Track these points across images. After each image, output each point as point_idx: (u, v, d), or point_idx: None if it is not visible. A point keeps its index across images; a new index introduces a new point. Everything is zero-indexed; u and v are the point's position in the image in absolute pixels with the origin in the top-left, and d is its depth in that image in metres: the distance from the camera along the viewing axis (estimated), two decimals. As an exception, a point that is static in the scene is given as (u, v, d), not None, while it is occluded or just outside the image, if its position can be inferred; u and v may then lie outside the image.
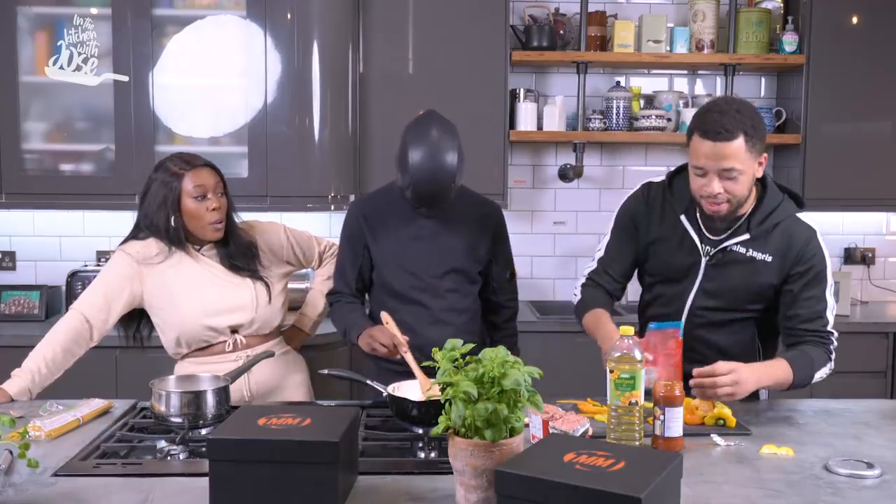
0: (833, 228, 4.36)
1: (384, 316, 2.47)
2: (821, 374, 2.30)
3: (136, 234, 2.53)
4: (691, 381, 2.11)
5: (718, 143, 2.16)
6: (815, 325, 2.31)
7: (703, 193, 2.24)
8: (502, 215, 2.72)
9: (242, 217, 2.65)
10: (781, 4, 4.14)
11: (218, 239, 2.51)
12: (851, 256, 4.36)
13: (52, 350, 2.37)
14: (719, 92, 4.24)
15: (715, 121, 2.17)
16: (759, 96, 4.31)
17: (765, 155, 2.25)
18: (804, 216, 2.38)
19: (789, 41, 3.99)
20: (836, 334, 2.34)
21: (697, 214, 2.37)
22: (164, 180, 2.44)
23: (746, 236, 2.31)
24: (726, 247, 2.33)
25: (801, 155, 3.99)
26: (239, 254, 2.53)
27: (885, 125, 4.01)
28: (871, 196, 4.03)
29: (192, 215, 2.45)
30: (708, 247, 2.35)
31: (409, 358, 2.33)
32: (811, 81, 3.96)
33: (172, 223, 2.44)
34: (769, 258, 2.31)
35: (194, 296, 2.47)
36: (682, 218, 2.38)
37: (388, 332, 2.40)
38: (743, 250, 2.32)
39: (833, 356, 2.33)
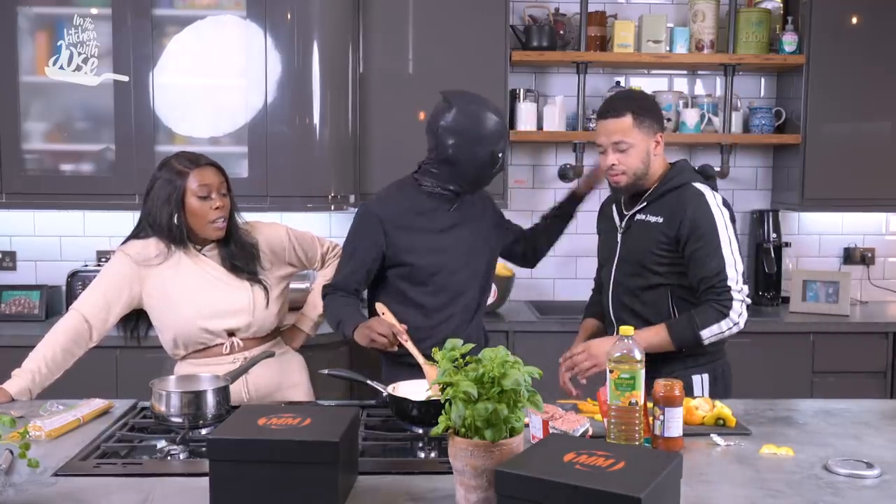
0: (833, 228, 4.36)
1: (379, 307, 2.48)
2: (711, 330, 2.41)
3: (137, 233, 2.53)
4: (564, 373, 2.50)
5: (608, 119, 2.53)
6: (711, 283, 2.43)
7: (604, 168, 2.58)
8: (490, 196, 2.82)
9: (244, 217, 2.65)
10: (781, 4, 4.14)
11: (219, 238, 2.51)
12: (851, 256, 4.35)
13: (51, 350, 2.38)
14: (719, 92, 4.24)
15: (607, 103, 2.61)
16: (758, 96, 4.31)
17: (660, 134, 2.55)
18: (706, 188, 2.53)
19: (789, 41, 3.99)
20: (737, 288, 2.42)
21: (621, 198, 2.66)
22: (169, 178, 2.45)
23: (644, 203, 2.57)
24: (633, 216, 2.59)
25: (800, 155, 3.99)
26: (240, 254, 2.53)
27: (885, 125, 4.01)
28: (871, 196, 4.03)
29: (195, 214, 2.45)
30: (621, 221, 2.63)
31: (410, 345, 2.35)
32: (811, 81, 3.96)
33: (175, 221, 2.44)
34: (660, 220, 2.52)
35: (191, 298, 2.47)
36: (613, 206, 2.70)
37: (386, 322, 2.40)
38: (643, 217, 2.57)
39: (731, 310, 2.41)
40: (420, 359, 2.30)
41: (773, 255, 4.13)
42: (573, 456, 1.51)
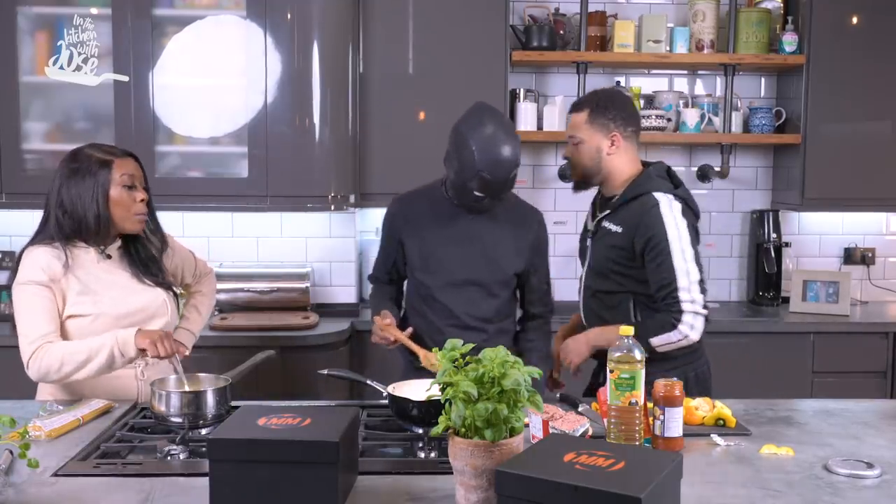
0: (833, 228, 4.37)
1: (384, 313, 2.56)
2: (661, 339, 2.40)
3: (38, 241, 2.33)
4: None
5: (570, 113, 2.61)
6: (662, 293, 2.42)
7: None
8: (544, 222, 2.71)
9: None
10: (781, 4, 4.14)
11: (139, 231, 2.40)
12: (851, 256, 4.35)
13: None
14: (719, 92, 4.24)
15: (580, 98, 2.66)
16: (758, 96, 4.31)
17: (615, 134, 2.52)
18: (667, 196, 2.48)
19: (789, 41, 4.00)
20: (689, 299, 2.39)
21: (597, 200, 2.68)
22: (89, 168, 2.31)
23: (608, 211, 2.56)
24: (599, 222, 2.59)
25: (801, 155, 4.00)
26: (148, 256, 2.43)
27: (885, 125, 4.01)
28: (871, 196, 4.03)
29: (119, 204, 2.32)
30: (593, 225, 2.64)
31: (403, 338, 2.48)
32: (811, 81, 3.96)
33: (100, 212, 2.30)
34: (619, 229, 2.51)
35: (109, 306, 2.34)
36: (590, 207, 2.72)
37: (383, 326, 2.51)
38: (607, 225, 2.56)
39: (682, 320, 2.38)
40: (414, 347, 2.44)
41: (773, 255, 4.13)
42: (573, 456, 1.51)
